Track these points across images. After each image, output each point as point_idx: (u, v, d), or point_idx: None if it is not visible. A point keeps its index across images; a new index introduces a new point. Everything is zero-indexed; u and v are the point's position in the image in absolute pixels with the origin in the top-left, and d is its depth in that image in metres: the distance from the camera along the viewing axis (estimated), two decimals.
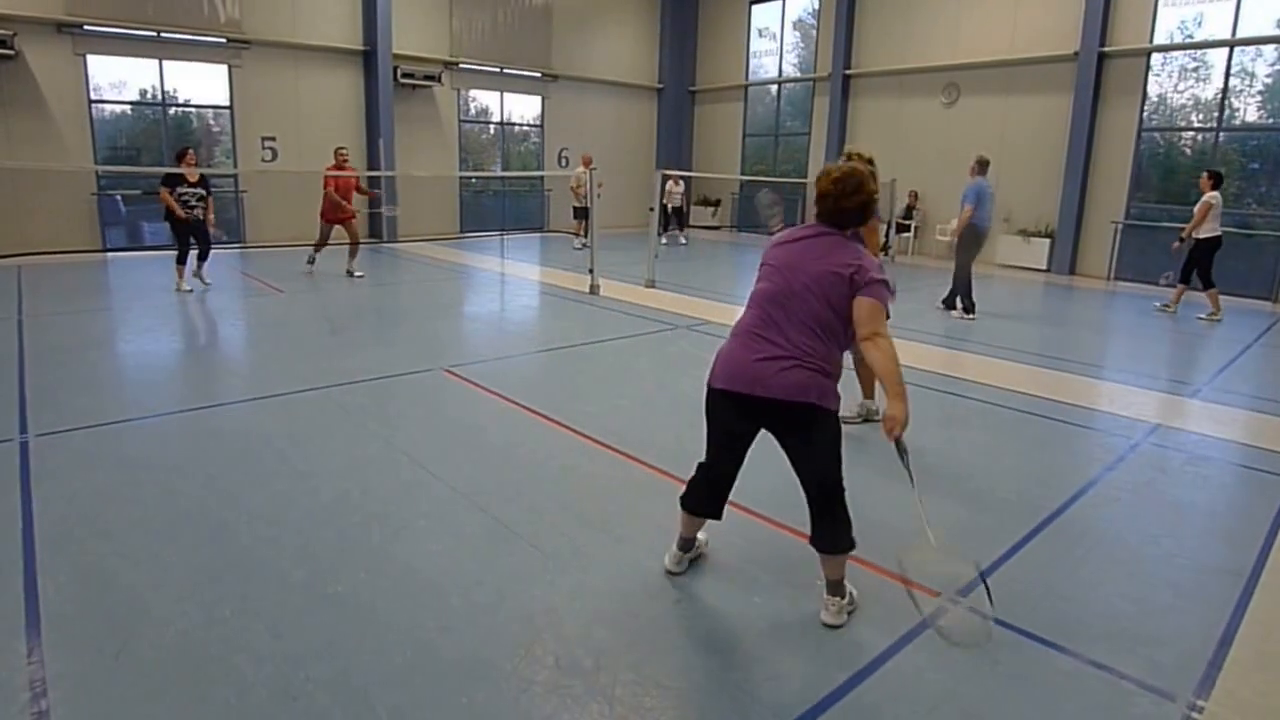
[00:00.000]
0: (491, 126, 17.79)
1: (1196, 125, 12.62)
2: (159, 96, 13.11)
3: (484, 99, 17.51)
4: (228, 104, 13.58)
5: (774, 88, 18.72)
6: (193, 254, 9.35)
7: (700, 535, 3.17)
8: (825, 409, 2.66)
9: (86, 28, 11.81)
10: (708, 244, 17.20)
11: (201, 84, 13.49)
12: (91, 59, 12.10)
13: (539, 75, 17.60)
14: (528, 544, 3.34)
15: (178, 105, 13.48)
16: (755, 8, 18.57)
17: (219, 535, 3.36)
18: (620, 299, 9.51)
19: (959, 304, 9.03)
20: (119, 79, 12.72)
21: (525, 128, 18.23)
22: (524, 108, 18.02)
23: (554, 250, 14.91)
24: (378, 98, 14.67)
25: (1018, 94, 13.94)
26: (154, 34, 12.40)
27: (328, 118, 14.57)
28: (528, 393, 5.54)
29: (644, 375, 6.25)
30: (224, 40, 13.11)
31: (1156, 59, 12.61)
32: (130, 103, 13.02)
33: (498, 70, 16.90)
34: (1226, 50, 11.94)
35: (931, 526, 2.56)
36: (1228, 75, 12.05)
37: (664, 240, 16.47)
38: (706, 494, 2.95)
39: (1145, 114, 12.78)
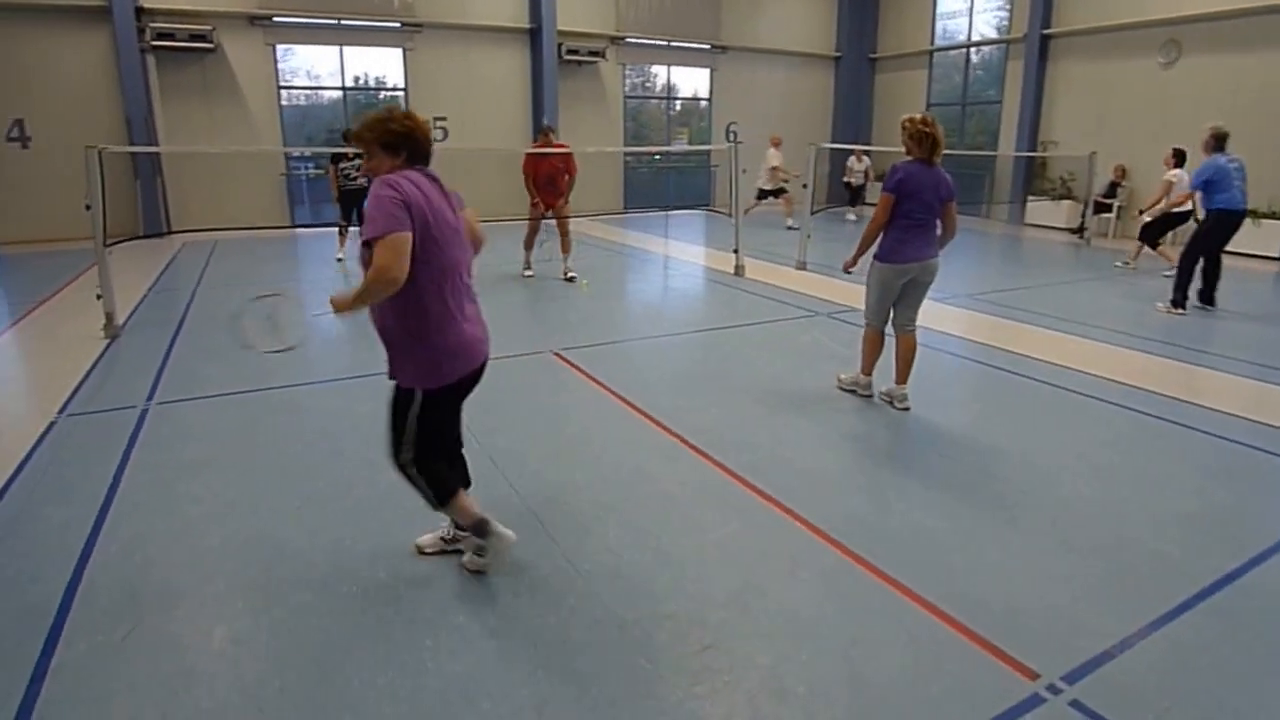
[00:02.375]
0: (658, 101, 17.53)
1: None
2: (340, 81, 13.94)
3: (650, 73, 17.29)
4: (403, 86, 14.23)
5: (963, 52, 17.07)
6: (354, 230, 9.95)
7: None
8: None
9: (275, 19, 12.74)
10: None
11: (379, 68, 14.24)
12: (280, 48, 13.07)
13: (708, 47, 17.11)
14: (564, 558, 3.03)
15: (357, 89, 14.28)
16: None
17: (266, 520, 3.33)
18: (765, 281, 8.97)
19: (1171, 294, 7.69)
20: (305, 66, 13.69)
21: (693, 102, 17.83)
22: (691, 81, 17.63)
23: (718, 229, 14.38)
24: (543, 75, 14.82)
25: (1256, 50, 11.69)
26: (335, 22, 13.19)
27: (494, 97, 14.93)
28: (628, 381, 5.23)
29: (762, 366, 5.75)
30: (399, 24, 13.71)
31: None
32: (314, 88, 13.97)
33: (665, 44, 16.59)
34: None
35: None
36: None
37: (851, 217, 15.59)
38: (458, 470, 2.96)
39: None
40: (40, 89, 11.40)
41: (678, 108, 17.90)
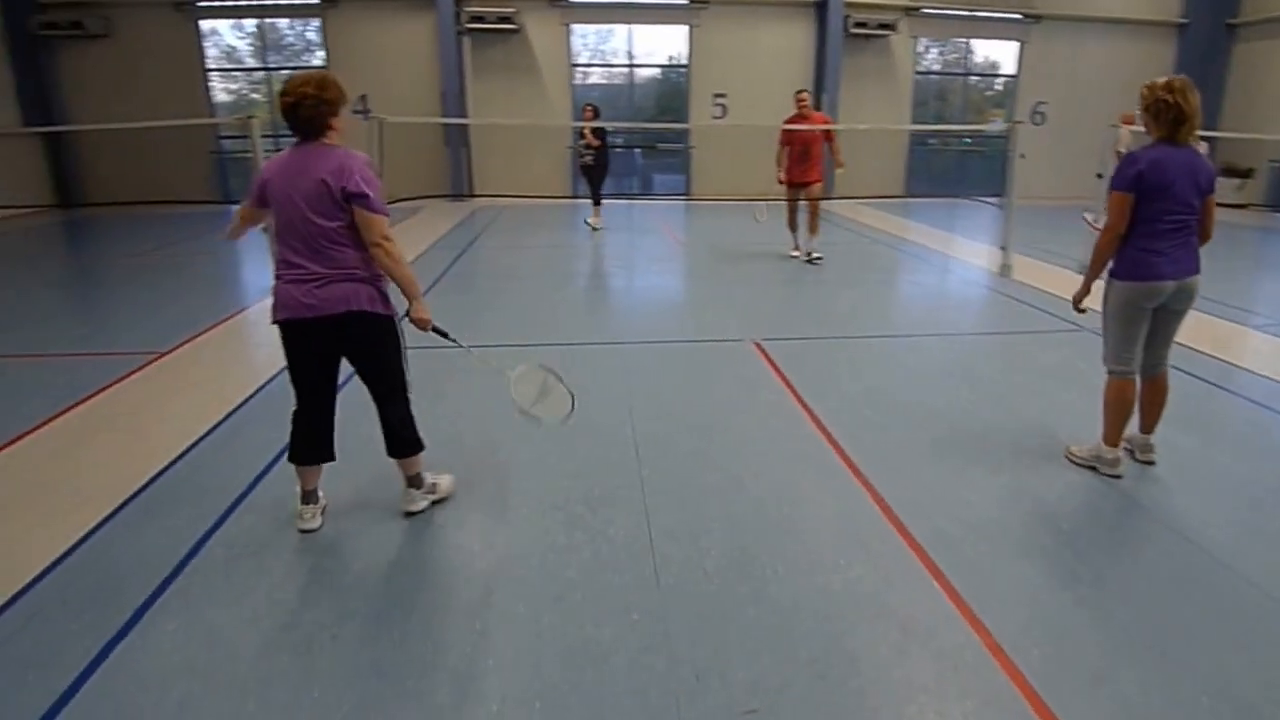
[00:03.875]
0: (960, 78, 16.05)
1: None
2: (628, 59, 14.47)
3: (963, 47, 15.85)
4: (686, 63, 14.43)
5: None
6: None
7: (320, 492, 3.17)
8: (375, 314, 2.89)
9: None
10: (1222, 226, 13.23)
11: (668, 46, 14.59)
12: (574, 27, 13.86)
13: (1019, 16, 15.26)
14: (652, 568, 2.84)
15: (642, 65, 14.74)
16: None
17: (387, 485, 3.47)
18: (1033, 285, 7.80)
19: None
20: (597, 44, 14.44)
21: (994, 78, 16.06)
22: (995, 55, 15.87)
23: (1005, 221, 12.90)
24: (826, 50, 14.21)
25: None
26: (626, 0, 13.69)
27: (775, 73, 14.59)
28: (818, 385, 4.80)
29: (982, 386, 4.94)
30: (685, 1, 13.87)
31: None
32: (603, 65, 14.67)
33: (967, 14, 15.06)
34: None
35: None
36: None
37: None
38: (310, 441, 3.03)
39: None
40: (378, 68, 13.30)
41: (998, 85, 16.22)
